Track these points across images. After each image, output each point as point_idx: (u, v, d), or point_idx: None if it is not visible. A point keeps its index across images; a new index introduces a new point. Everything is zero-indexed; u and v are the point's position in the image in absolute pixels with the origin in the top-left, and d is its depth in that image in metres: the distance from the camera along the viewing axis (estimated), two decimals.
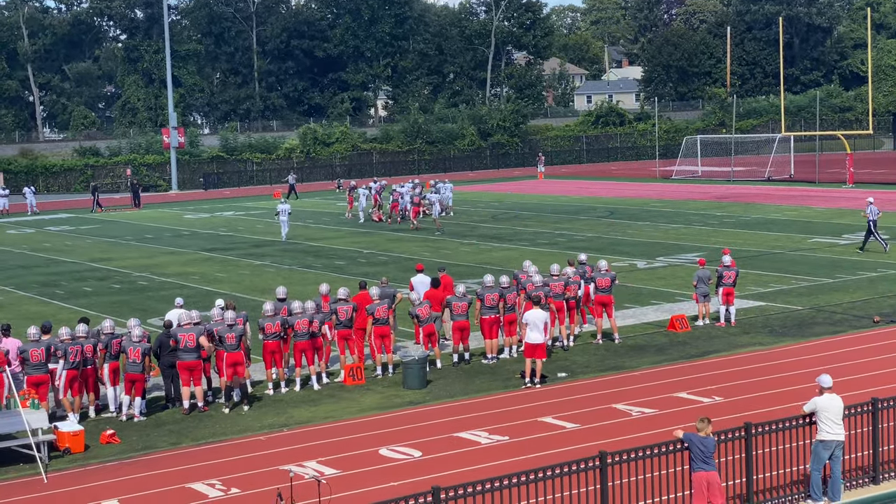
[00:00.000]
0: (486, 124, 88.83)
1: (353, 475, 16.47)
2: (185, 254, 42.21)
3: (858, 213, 41.59)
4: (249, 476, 16.59)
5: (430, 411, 19.76)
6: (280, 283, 32.25)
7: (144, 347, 19.83)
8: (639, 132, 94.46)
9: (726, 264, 25.95)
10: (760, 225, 45.08)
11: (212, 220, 55.33)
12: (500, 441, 17.88)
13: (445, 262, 34.92)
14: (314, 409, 20.14)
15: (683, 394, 20.27)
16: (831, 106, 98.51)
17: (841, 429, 14.92)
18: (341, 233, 47.37)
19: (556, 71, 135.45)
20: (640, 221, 47.57)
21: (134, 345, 19.76)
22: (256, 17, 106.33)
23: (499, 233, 45.40)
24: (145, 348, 19.85)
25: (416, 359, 21.31)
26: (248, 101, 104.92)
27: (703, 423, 13.99)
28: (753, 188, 62.78)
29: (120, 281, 35.90)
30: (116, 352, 19.99)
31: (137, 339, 19.86)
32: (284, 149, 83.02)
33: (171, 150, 75.70)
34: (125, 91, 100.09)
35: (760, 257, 36.26)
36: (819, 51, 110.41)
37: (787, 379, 20.95)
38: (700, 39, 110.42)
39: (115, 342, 20.02)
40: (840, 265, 34.15)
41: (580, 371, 22.26)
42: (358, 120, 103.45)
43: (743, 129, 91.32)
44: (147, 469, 17.14)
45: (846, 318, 26.50)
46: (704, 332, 25.42)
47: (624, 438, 17.14)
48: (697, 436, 13.91)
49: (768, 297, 29.32)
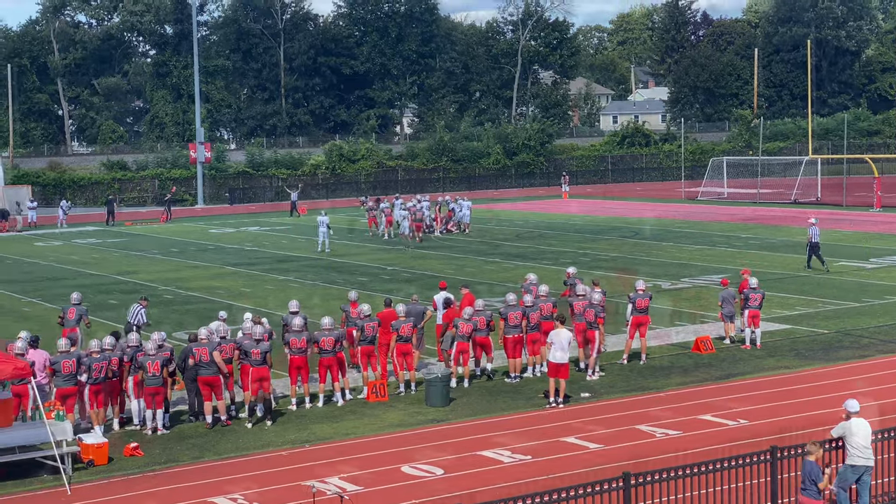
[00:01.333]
0: (511, 143, 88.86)
1: (376, 492, 16.44)
2: (211, 268, 42.36)
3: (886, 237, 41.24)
4: (272, 491, 16.59)
5: (453, 429, 19.71)
6: (302, 297, 32.34)
7: (163, 359, 19.85)
8: (664, 153, 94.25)
9: (752, 286, 25.80)
10: (786, 247, 44.84)
11: (237, 234, 55.53)
12: (523, 460, 17.81)
13: (469, 280, 34.88)
14: (336, 425, 20.13)
15: (708, 416, 20.14)
16: (859, 129, 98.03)
17: (870, 453, 14.81)
18: (366, 248, 47.43)
19: (582, 91, 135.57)
20: (664, 242, 47.41)
21: (151, 358, 19.75)
22: (284, 34, 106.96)
23: (522, 251, 45.34)
24: (164, 360, 19.86)
25: (438, 376, 21.28)
26: (275, 116, 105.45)
27: (813, 447, 13.98)
28: (779, 210, 62.49)
29: (146, 294, 35.94)
30: (140, 365, 20.05)
31: (154, 352, 19.85)
32: (310, 165, 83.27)
33: (198, 165, 76.10)
34: (153, 106, 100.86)
35: (786, 280, 36.05)
36: (847, 74, 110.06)
37: (813, 403, 20.79)
38: (727, 61, 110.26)
39: (139, 355, 20.07)
40: (866, 289, 33.91)
41: (604, 391, 22.16)
42: (384, 137, 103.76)
43: (769, 151, 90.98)
44: (169, 482, 17.16)
45: (873, 342, 26.30)
46: (729, 354, 25.27)
47: (648, 460, 17.03)
48: (809, 461, 14.05)
49: (794, 321, 29.13)
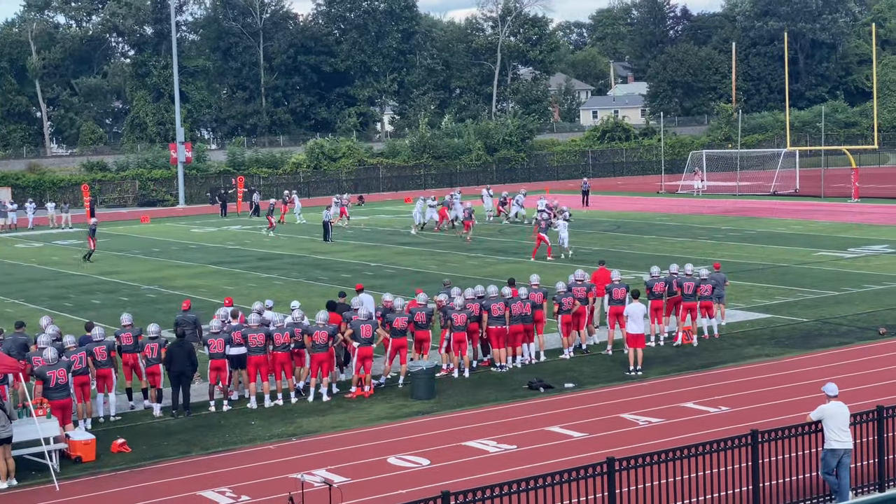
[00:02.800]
0: (492, 139, 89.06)
1: (363, 483, 16.60)
2: (193, 267, 42.41)
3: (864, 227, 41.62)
4: (260, 484, 16.73)
5: (438, 421, 19.90)
6: (288, 295, 32.50)
7: (109, 343, 20.65)
8: (644, 147, 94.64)
9: (703, 277, 25.88)
10: (766, 238, 45.20)
11: (219, 233, 55.55)
12: (509, 450, 18.00)
13: (452, 275, 35.06)
14: (322, 419, 20.28)
15: (690, 404, 20.38)
16: (836, 121, 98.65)
17: (848, 436, 15.06)
18: (348, 246, 47.56)
19: (561, 86, 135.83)
20: (646, 235, 47.70)
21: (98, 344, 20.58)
22: (264, 33, 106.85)
23: (505, 246, 45.55)
24: (109, 344, 20.65)
25: (423, 369, 21.45)
26: (255, 116, 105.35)
27: None
28: (759, 202, 62.90)
29: (128, 294, 36.09)
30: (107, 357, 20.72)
31: (99, 339, 20.66)
32: (291, 164, 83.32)
33: (179, 165, 76.06)
34: (133, 106, 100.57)
35: (766, 271, 36.37)
36: (824, 66, 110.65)
37: (794, 389, 21.06)
38: (705, 55, 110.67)
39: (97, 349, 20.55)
40: (845, 278, 34.25)
41: (587, 381, 22.38)
42: (364, 135, 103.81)
43: (748, 144, 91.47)
44: (157, 477, 17.28)
45: (852, 329, 26.61)
46: (711, 343, 25.53)
47: (631, 447, 17.24)
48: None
49: (774, 310, 29.42)
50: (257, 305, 22.86)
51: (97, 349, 20.51)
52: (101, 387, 20.70)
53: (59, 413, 18.40)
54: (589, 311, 25.16)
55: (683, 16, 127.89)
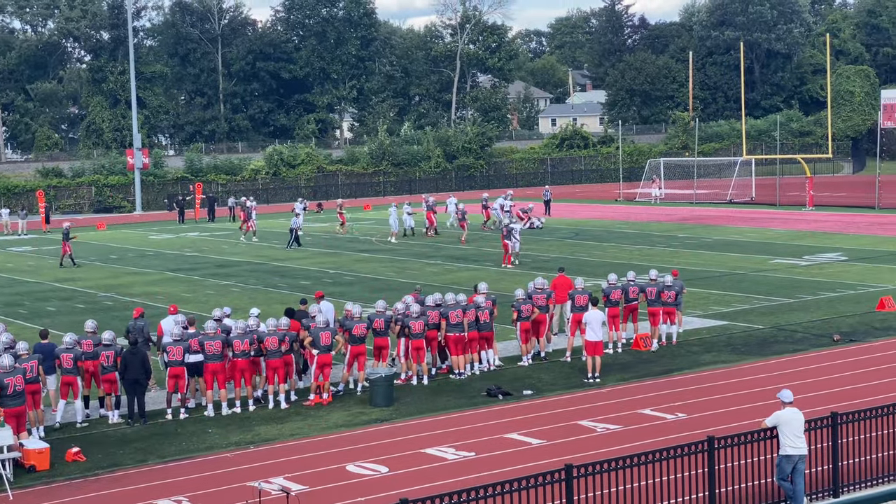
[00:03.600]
0: (451, 146, 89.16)
1: (321, 490, 16.55)
2: (150, 274, 42.10)
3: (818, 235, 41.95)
4: (217, 492, 16.63)
5: (397, 428, 19.88)
6: (246, 302, 32.36)
7: (77, 352, 20.57)
8: (602, 155, 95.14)
9: (667, 283, 26.10)
10: (722, 246, 45.57)
11: (177, 240, 55.19)
12: (467, 457, 18.01)
13: (411, 282, 35.07)
14: (280, 426, 20.20)
15: (648, 410, 20.50)
16: (791, 130, 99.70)
17: (803, 442, 15.20)
18: (307, 253, 47.40)
19: (520, 94, 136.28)
20: (604, 242, 47.94)
21: (65, 351, 20.60)
22: (222, 39, 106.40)
23: (465, 254, 45.61)
24: (77, 353, 20.55)
25: (382, 376, 21.43)
26: (214, 122, 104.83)
27: None
28: (715, 210, 63.42)
29: (84, 301, 35.77)
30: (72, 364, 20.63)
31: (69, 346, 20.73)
32: (250, 170, 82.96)
33: (136, 172, 75.50)
34: (90, 112, 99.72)
35: (722, 278, 36.66)
36: (779, 76, 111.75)
37: (750, 396, 21.24)
38: (663, 64, 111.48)
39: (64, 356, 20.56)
40: (800, 285, 34.60)
41: (546, 388, 22.45)
42: (323, 141, 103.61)
43: (705, 152, 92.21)
44: (113, 486, 17.13)
45: (806, 336, 26.88)
46: (668, 350, 25.70)
47: (589, 454, 17.32)
48: None
49: (730, 317, 29.66)
50: (217, 313, 22.76)
51: (64, 356, 20.46)
52: (65, 393, 20.56)
53: (14, 421, 18.20)
54: (549, 318, 25.27)
55: (641, 25, 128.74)
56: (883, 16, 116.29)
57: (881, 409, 16.41)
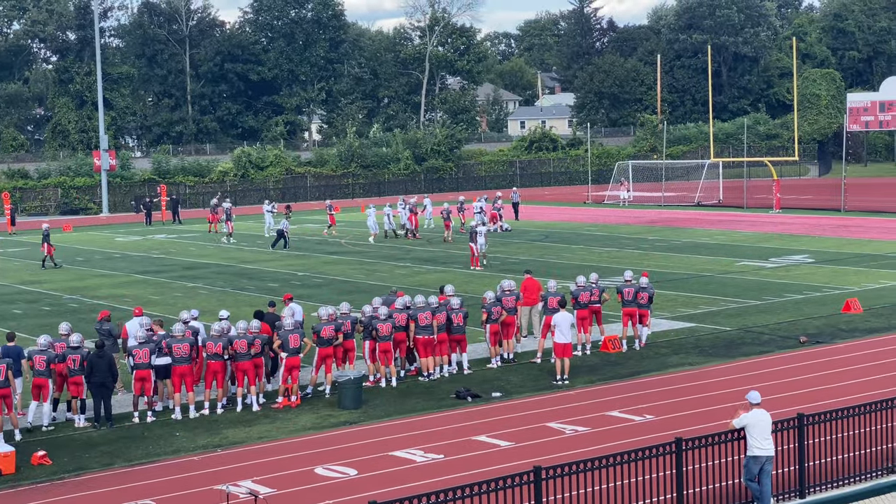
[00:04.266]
0: (420, 149, 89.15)
1: (289, 494, 16.48)
2: (117, 276, 41.83)
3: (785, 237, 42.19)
4: (184, 496, 16.53)
5: (366, 430, 19.84)
6: (214, 305, 32.22)
7: (50, 355, 20.38)
8: (571, 157, 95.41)
9: (642, 285, 26.28)
10: (690, 248, 45.81)
11: (144, 243, 54.86)
12: (436, 459, 18.00)
13: (380, 285, 35.04)
14: (248, 429, 20.11)
15: (616, 412, 20.56)
16: (758, 133, 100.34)
17: (770, 443, 15.29)
18: (276, 255, 47.23)
19: (489, 96, 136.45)
20: (573, 245, 48.06)
21: (39, 353, 20.42)
22: (190, 40, 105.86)
23: (433, 256, 45.60)
24: (50, 356, 20.36)
25: (350, 379, 21.38)
26: (181, 124, 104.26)
27: None
28: (683, 213, 63.74)
29: (49, 303, 35.49)
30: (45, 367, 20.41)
31: (43, 348, 20.55)
32: (218, 172, 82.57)
33: (102, 173, 74.97)
34: (56, 113, 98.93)
35: (690, 280, 36.84)
36: (746, 79, 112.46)
37: (717, 397, 21.35)
38: (631, 67, 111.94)
39: (37, 357, 20.40)
40: (767, 288, 34.83)
41: (515, 390, 22.48)
42: (292, 143, 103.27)
43: (673, 155, 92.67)
44: (79, 490, 17.00)
45: (773, 338, 27.05)
46: (636, 352, 25.79)
47: (558, 455, 17.35)
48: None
49: (698, 319, 29.81)
50: (184, 315, 22.64)
51: (37, 357, 20.32)
52: (36, 395, 20.37)
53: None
54: (519, 320, 25.34)
55: (610, 28, 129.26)
56: (849, 19, 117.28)
57: (847, 411, 16.54)
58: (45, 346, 20.65)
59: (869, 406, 16.75)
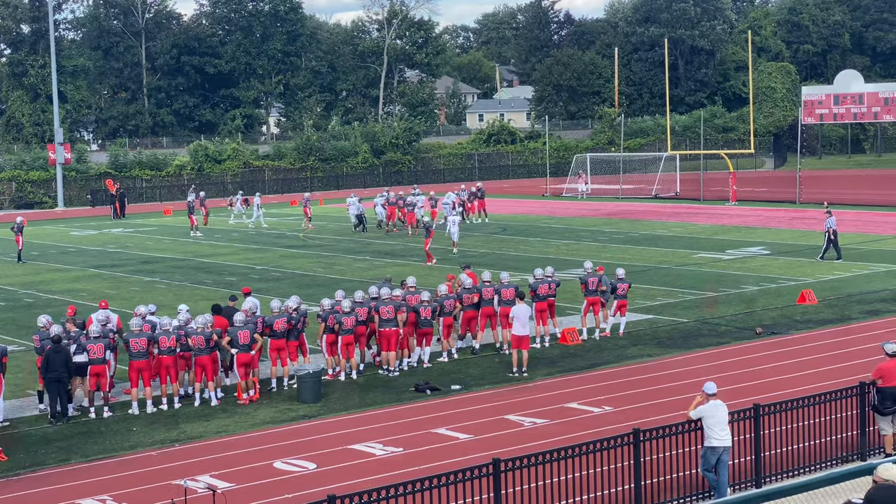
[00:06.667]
0: (379, 142, 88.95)
1: (248, 488, 16.42)
2: (72, 271, 41.43)
3: (741, 229, 42.54)
4: (142, 491, 16.42)
5: (325, 424, 19.80)
6: (171, 299, 32.01)
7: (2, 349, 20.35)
8: (530, 150, 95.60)
9: (620, 276, 26.67)
10: (648, 241, 46.05)
11: (100, 237, 54.38)
12: (395, 452, 18.00)
13: (339, 279, 34.95)
14: (206, 423, 20.01)
15: (574, 404, 20.66)
16: (715, 126, 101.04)
17: (727, 434, 15.42)
18: (234, 248, 46.99)
19: (448, 89, 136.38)
20: (531, 238, 48.17)
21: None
22: (146, 33, 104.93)
23: (391, 249, 45.54)
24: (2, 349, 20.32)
25: (310, 372, 21.32)
26: (138, 117, 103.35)
27: None
28: (641, 205, 64.06)
29: (4, 298, 35.10)
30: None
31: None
32: (175, 166, 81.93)
33: (58, 167, 74.19)
34: (10, 106, 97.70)
35: (648, 272, 37.04)
36: (703, 73, 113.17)
37: (675, 388, 21.50)
38: (589, 60, 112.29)
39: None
40: (724, 279, 35.10)
41: (474, 383, 22.51)
42: (250, 137, 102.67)
43: (631, 147, 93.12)
44: (35, 486, 16.84)
45: (730, 329, 27.28)
46: (594, 344, 25.92)
47: (516, 448, 17.40)
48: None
49: (656, 311, 30.00)
50: (141, 309, 22.47)
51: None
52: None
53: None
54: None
55: (567, 21, 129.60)
56: (803, 13, 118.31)
57: (802, 401, 16.72)
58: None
59: (824, 396, 16.94)
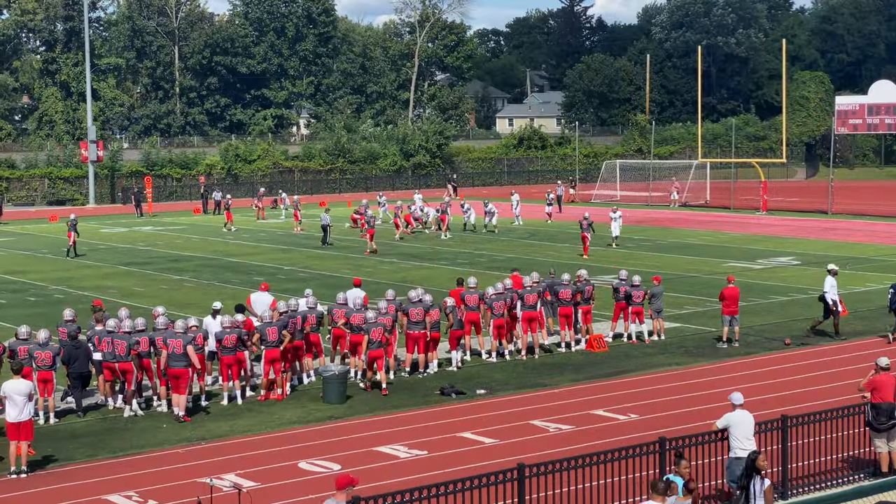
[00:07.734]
0: (408, 145, 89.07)
1: (272, 487, 16.47)
2: (102, 268, 41.70)
3: (772, 238, 42.32)
4: (167, 488, 16.49)
5: (350, 426, 19.82)
6: (198, 297, 32.17)
7: (54, 350, 20.17)
8: (559, 156, 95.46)
9: (634, 283, 26.56)
10: (677, 249, 45.87)
11: (130, 234, 54.72)
12: (419, 455, 18.00)
13: (366, 280, 34.93)
14: (233, 422, 20.07)
15: (600, 411, 20.59)
16: (747, 134, 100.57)
17: (752, 444, 15.31)
18: (261, 249, 47.16)
19: (478, 93, 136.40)
20: (560, 244, 48.08)
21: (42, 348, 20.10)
22: (179, 33, 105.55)
23: (418, 252, 45.58)
24: (55, 350, 20.16)
25: (335, 373, 21.36)
26: (169, 116, 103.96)
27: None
28: (670, 213, 63.80)
29: (36, 294, 35.36)
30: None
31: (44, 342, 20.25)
32: (205, 165, 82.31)
33: (90, 164, 74.71)
34: (43, 103, 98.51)
35: (676, 280, 36.88)
36: (736, 80, 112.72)
37: (701, 398, 21.40)
38: (620, 66, 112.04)
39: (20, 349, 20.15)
40: (753, 289, 34.89)
41: (499, 388, 22.48)
42: (280, 137, 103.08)
43: (661, 155, 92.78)
44: (63, 481, 16.94)
45: (758, 340, 27.12)
46: (621, 351, 25.83)
47: (541, 453, 17.36)
48: None
49: (684, 319, 29.87)
50: (160, 309, 22.30)
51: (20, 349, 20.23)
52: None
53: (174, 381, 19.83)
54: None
55: (599, 26, 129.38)
56: (837, 22, 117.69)
57: (831, 413, 16.60)
58: (24, 335, 20.47)
59: (853, 409, 16.81)
